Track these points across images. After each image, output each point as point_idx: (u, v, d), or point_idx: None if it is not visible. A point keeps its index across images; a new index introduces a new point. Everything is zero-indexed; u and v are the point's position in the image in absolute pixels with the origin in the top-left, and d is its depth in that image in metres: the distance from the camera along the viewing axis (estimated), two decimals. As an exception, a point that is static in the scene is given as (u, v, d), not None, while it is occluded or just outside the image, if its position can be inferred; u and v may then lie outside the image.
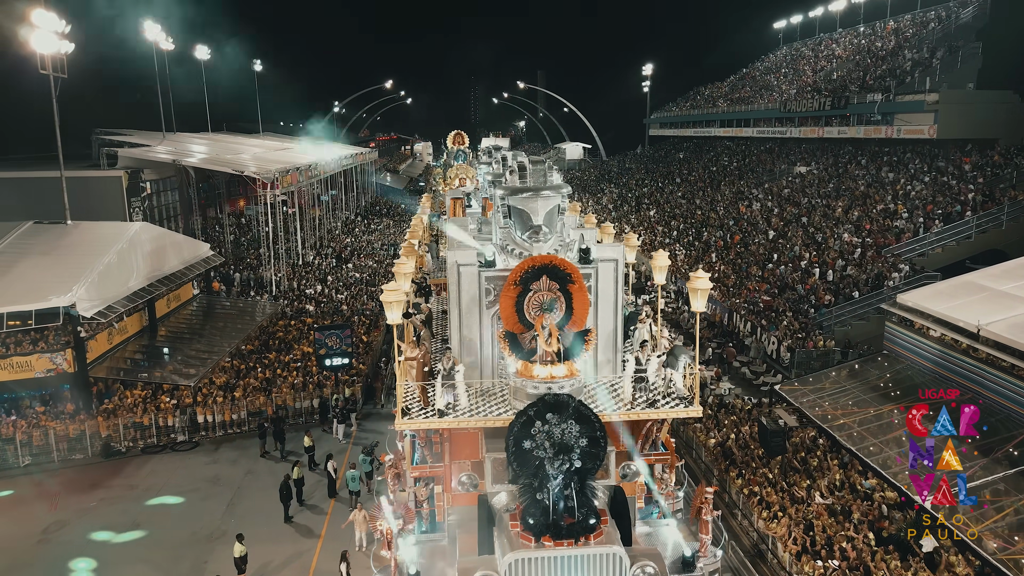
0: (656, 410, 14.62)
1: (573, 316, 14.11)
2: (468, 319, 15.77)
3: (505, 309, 14.16)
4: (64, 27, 29.50)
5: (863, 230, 37.68)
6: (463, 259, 15.63)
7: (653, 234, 53.99)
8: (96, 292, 26.03)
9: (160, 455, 25.48)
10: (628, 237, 20.72)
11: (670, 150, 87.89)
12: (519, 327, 14.16)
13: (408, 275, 17.50)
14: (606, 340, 15.87)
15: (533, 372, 14.00)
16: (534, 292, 13.89)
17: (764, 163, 61.47)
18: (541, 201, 15.08)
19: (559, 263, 13.97)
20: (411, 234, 23.03)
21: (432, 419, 14.45)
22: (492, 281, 15.22)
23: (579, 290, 14.07)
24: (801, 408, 22.39)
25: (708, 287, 14.62)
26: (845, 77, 56.36)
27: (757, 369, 30.87)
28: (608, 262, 15.52)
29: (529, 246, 15.40)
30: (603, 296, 15.61)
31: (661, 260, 17.49)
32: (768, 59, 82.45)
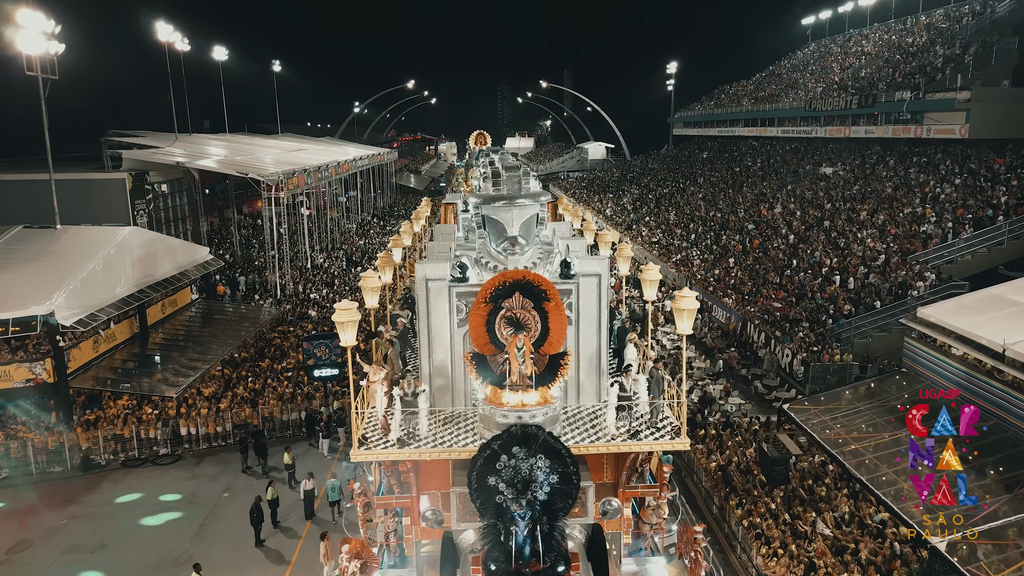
0: (639, 442, 13.28)
1: (549, 337, 12.72)
2: (438, 338, 14.51)
3: (475, 328, 12.84)
4: (53, 27, 28.84)
5: (888, 235, 35.75)
6: (432, 273, 14.35)
7: (671, 237, 52.33)
8: (78, 299, 25.26)
9: (140, 469, 24.60)
10: (621, 248, 19.35)
11: (694, 150, 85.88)
12: (490, 348, 12.82)
13: (375, 290, 16.33)
14: (588, 362, 14.64)
15: (502, 399, 12.70)
16: (506, 310, 12.61)
17: (788, 164, 59.40)
18: (516, 210, 13.77)
19: (533, 279, 12.64)
20: (394, 242, 21.85)
21: (391, 450, 13.28)
22: (464, 297, 13.96)
23: (555, 308, 12.70)
24: (809, 430, 20.78)
25: (695, 307, 13.27)
26: (873, 74, 54.17)
27: (770, 383, 29.21)
28: (591, 277, 14.28)
29: (504, 259, 14.09)
30: (585, 314, 14.43)
31: (652, 274, 16.13)
32: (795, 56, 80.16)
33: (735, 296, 36.12)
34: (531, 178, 14.30)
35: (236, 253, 52.55)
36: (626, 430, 13.40)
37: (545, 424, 12.75)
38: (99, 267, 26.76)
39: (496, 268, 14.03)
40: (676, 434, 13.45)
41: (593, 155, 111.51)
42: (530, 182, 14.14)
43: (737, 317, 34.36)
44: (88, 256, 27.02)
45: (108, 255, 27.47)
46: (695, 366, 31.30)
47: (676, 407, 13.97)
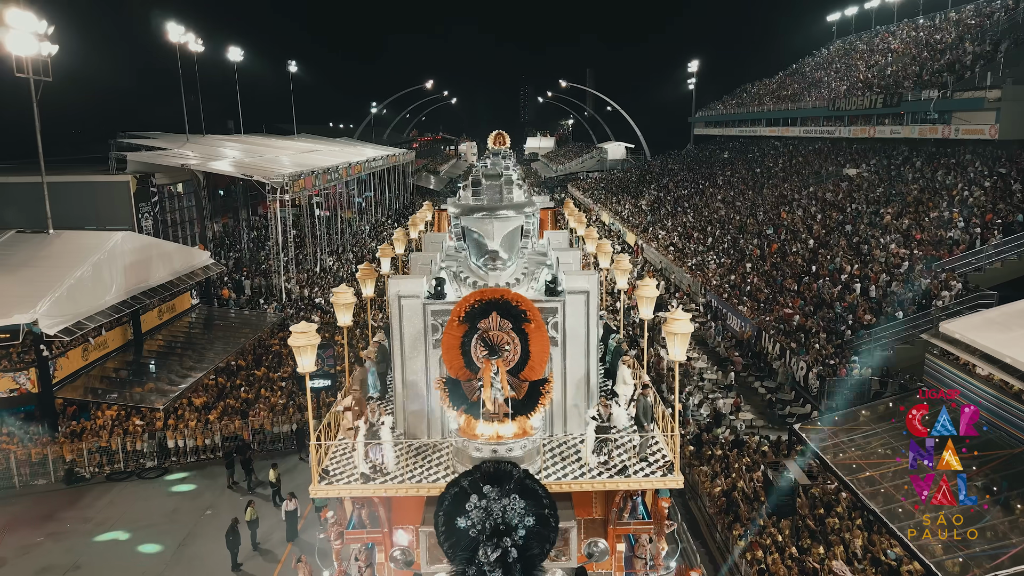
0: (626, 479, 12.06)
1: (529, 362, 11.55)
2: (412, 360, 13.37)
3: (448, 351, 11.71)
4: (46, 28, 28.21)
5: (912, 240, 34.10)
6: (405, 289, 13.18)
7: (687, 240, 50.89)
8: (64, 307, 24.57)
9: (125, 483, 23.85)
10: (618, 260, 18.12)
11: (715, 150, 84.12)
12: (465, 373, 11.66)
13: (348, 307, 15.29)
14: (575, 388, 13.42)
15: (476, 430, 11.56)
16: (482, 332, 11.48)
17: (811, 165, 57.62)
18: (497, 223, 12.65)
19: (511, 297, 11.51)
20: (383, 251, 20.81)
21: (353, 485, 12.23)
22: (440, 315, 12.82)
23: (536, 330, 11.55)
24: (821, 454, 19.43)
25: (688, 330, 11.97)
26: (899, 72, 52.27)
27: (784, 397, 27.80)
28: (578, 294, 13.08)
29: (484, 274, 12.96)
30: (572, 335, 13.23)
31: (648, 291, 14.82)
32: (819, 54, 78.14)
33: (750, 304, 34.69)
34: (515, 187, 13.10)
35: (245, 255, 52.02)
36: (612, 464, 12.26)
37: (524, 458, 11.64)
38: (88, 273, 26.07)
39: (476, 284, 12.98)
40: (669, 470, 12.25)
41: (613, 155, 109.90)
42: (513, 192, 12.96)
43: (752, 326, 32.93)
44: (77, 262, 26.34)
45: (98, 261, 26.77)
46: (706, 378, 29.95)
47: (670, 439, 12.77)
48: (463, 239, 13.03)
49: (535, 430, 11.84)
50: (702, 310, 39.40)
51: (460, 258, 13.58)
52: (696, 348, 33.95)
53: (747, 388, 29.40)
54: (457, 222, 12.95)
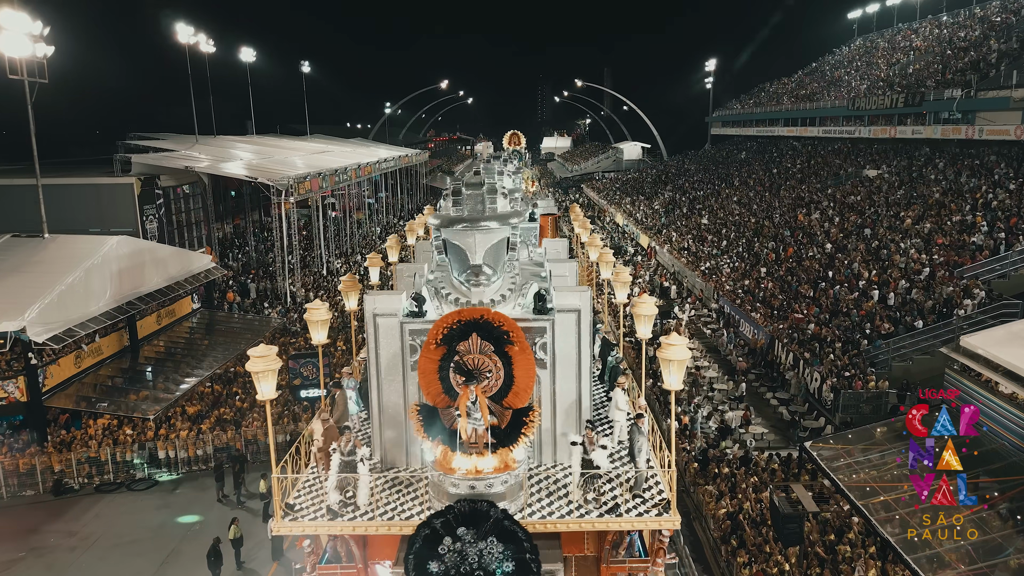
0: (617, 519, 11.09)
1: (513, 387, 10.74)
2: (389, 383, 12.48)
3: (425, 375, 10.92)
4: (41, 29, 27.72)
5: (934, 245, 32.81)
6: (381, 306, 12.31)
7: (701, 243, 49.71)
8: (54, 314, 24.01)
9: (113, 494, 23.25)
10: (617, 272, 17.17)
11: (732, 150, 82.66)
12: (444, 400, 10.87)
13: (323, 324, 14.47)
14: (566, 414, 12.46)
15: (452, 463, 10.69)
16: (463, 355, 10.66)
17: (830, 166, 56.19)
18: (480, 236, 11.70)
19: (493, 317, 10.68)
20: (371, 260, 20.03)
21: (320, 522, 11.38)
22: (420, 335, 11.95)
23: (521, 353, 10.73)
24: (833, 475, 18.35)
25: (685, 357, 10.98)
26: (922, 71, 50.78)
27: (797, 409, 26.69)
28: (568, 313, 12.16)
29: (467, 291, 12.04)
30: (562, 357, 12.28)
31: (646, 308, 13.70)
32: (840, 52, 76.50)
33: (763, 310, 33.55)
34: (500, 197, 12.16)
35: (252, 258, 51.59)
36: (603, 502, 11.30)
37: (506, 495, 10.72)
38: (80, 279, 25.51)
39: (458, 301, 12.09)
40: (665, 509, 11.27)
41: (628, 155, 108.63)
42: (497, 201, 12.02)
43: (764, 334, 31.80)
44: (70, 268, 25.80)
45: (91, 266, 26.22)
46: (716, 388, 28.89)
47: (666, 473, 11.79)
48: (444, 252, 12.15)
49: (518, 463, 10.93)
50: (714, 316, 38.30)
51: (443, 272, 12.72)
52: (707, 356, 32.89)
53: (759, 399, 28.32)
54: (438, 234, 12.06)
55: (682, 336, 33.47)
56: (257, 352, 10.66)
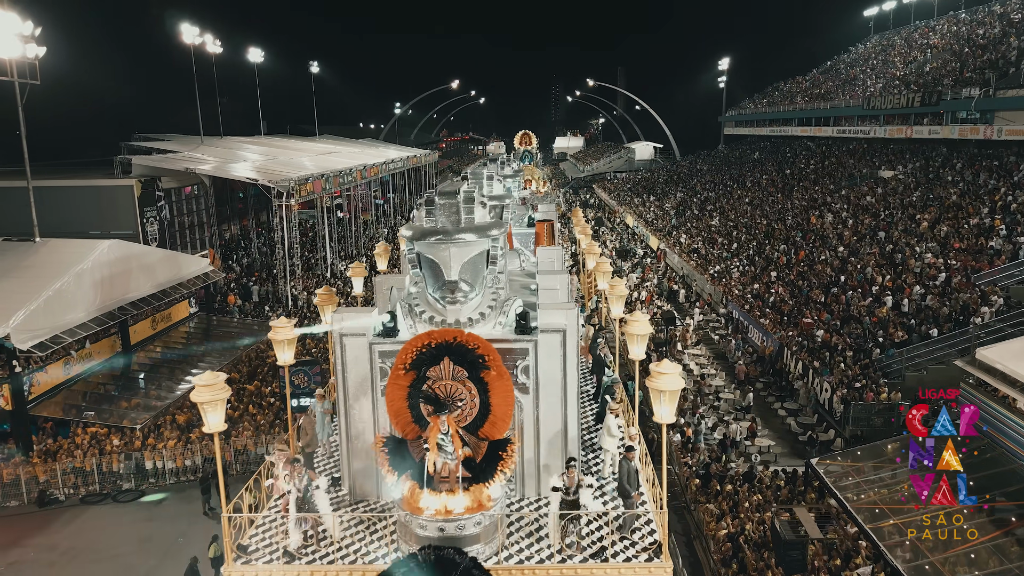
0: (602, 565, 10.18)
1: (490, 417, 9.83)
2: (357, 409, 11.63)
3: (393, 404, 10.00)
4: (32, 29, 27.21)
5: (950, 249, 31.70)
6: (349, 325, 11.51)
7: (711, 245, 48.68)
8: (40, 320, 23.44)
9: (99, 506, 22.67)
10: (613, 284, 16.27)
11: (745, 150, 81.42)
12: (414, 429, 9.96)
13: (290, 343, 13.71)
14: (550, 445, 11.52)
15: (420, 503, 9.77)
16: (433, 381, 9.76)
17: (845, 166, 54.97)
18: (455, 249, 10.83)
19: (467, 340, 9.76)
20: (354, 270, 19.26)
21: (276, 566, 10.47)
22: (390, 357, 11.03)
23: (498, 379, 9.79)
24: (840, 495, 17.43)
25: (678, 387, 9.94)
26: (939, 69, 49.50)
27: (806, 421, 25.72)
28: (553, 333, 11.22)
29: (442, 308, 11.20)
30: (546, 381, 11.32)
31: (639, 327, 12.68)
32: (855, 51, 75.10)
33: (773, 316, 32.55)
34: (478, 206, 11.31)
35: (255, 260, 51.11)
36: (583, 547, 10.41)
37: (480, 536, 9.79)
38: (69, 284, 24.96)
39: (432, 320, 11.24)
40: (656, 553, 10.36)
41: (640, 155, 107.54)
42: (475, 211, 11.17)
43: (773, 341, 30.81)
44: (59, 273, 25.26)
45: (80, 271, 25.67)
46: (723, 397, 27.96)
47: (658, 512, 10.84)
48: (419, 266, 11.33)
49: (494, 501, 9.97)
50: (723, 321, 37.32)
51: (414, 289, 11.90)
52: (714, 363, 31.94)
53: (766, 409, 27.37)
54: (411, 247, 11.25)
55: (688, 344, 32.72)
56: (203, 380, 9.86)
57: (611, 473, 12.20)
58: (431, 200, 11.59)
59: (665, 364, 9.95)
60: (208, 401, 9.81)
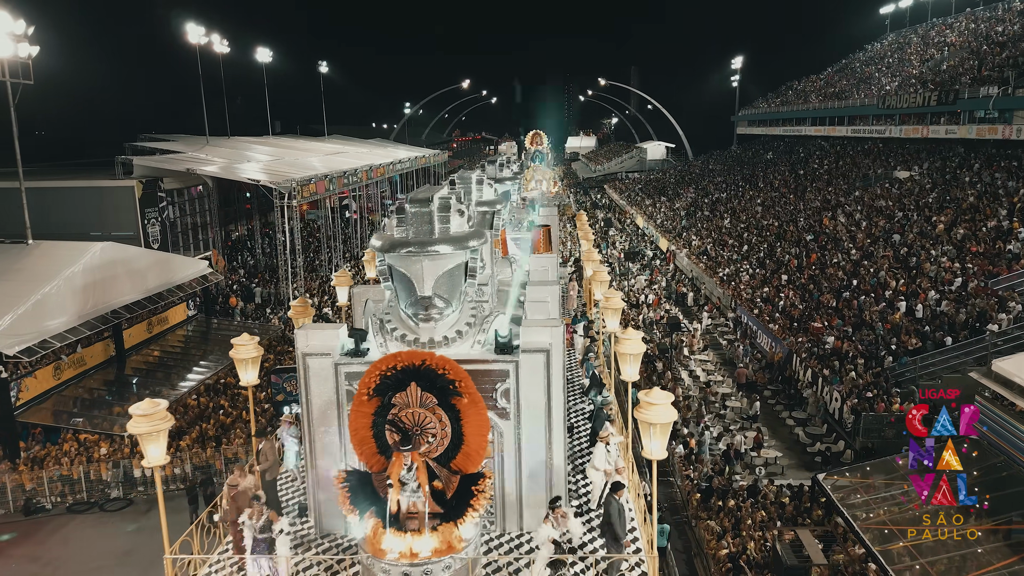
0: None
1: (463, 448, 8.93)
2: (324, 435, 10.71)
3: (357, 432, 9.09)
4: (25, 28, 26.81)
5: (967, 253, 30.68)
6: (313, 344, 10.56)
7: (722, 247, 47.74)
8: (28, 325, 23.01)
9: (86, 515, 22.15)
10: (609, 296, 15.46)
11: (758, 150, 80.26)
12: (379, 461, 9.06)
13: (253, 362, 12.97)
14: (531, 477, 10.59)
15: (382, 544, 8.84)
16: (400, 409, 8.86)
17: (859, 167, 53.84)
18: (428, 262, 9.89)
19: (437, 363, 8.81)
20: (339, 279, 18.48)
21: None
22: (357, 379, 9.93)
23: (471, 406, 8.89)
24: (847, 514, 16.60)
25: (670, 419, 9.06)
26: (956, 67, 48.31)
27: (815, 431, 24.85)
28: (536, 353, 10.24)
29: (415, 326, 10.28)
30: (528, 406, 10.37)
31: (631, 346, 11.77)
32: (871, 49, 73.81)
33: (782, 321, 31.64)
34: (455, 214, 10.40)
35: (259, 261, 50.71)
36: None
37: None
38: (59, 288, 24.52)
39: (404, 338, 10.32)
40: None
41: (652, 155, 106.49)
42: (452, 220, 10.28)
43: (782, 348, 29.92)
44: (49, 276, 24.82)
45: (71, 274, 25.23)
46: (729, 405, 27.11)
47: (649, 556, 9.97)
48: (391, 279, 10.41)
49: (466, 542, 9.01)
50: (731, 326, 36.43)
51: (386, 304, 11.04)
52: (721, 370, 31.08)
53: (774, 418, 26.50)
54: (382, 259, 10.34)
55: (695, 349, 31.82)
56: (140, 409, 8.96)
57: (598, 506, 11.34)
58: (401, 208, 10.63)
59: (656, 394, 9.07)
60: (146, 433, 9.04)
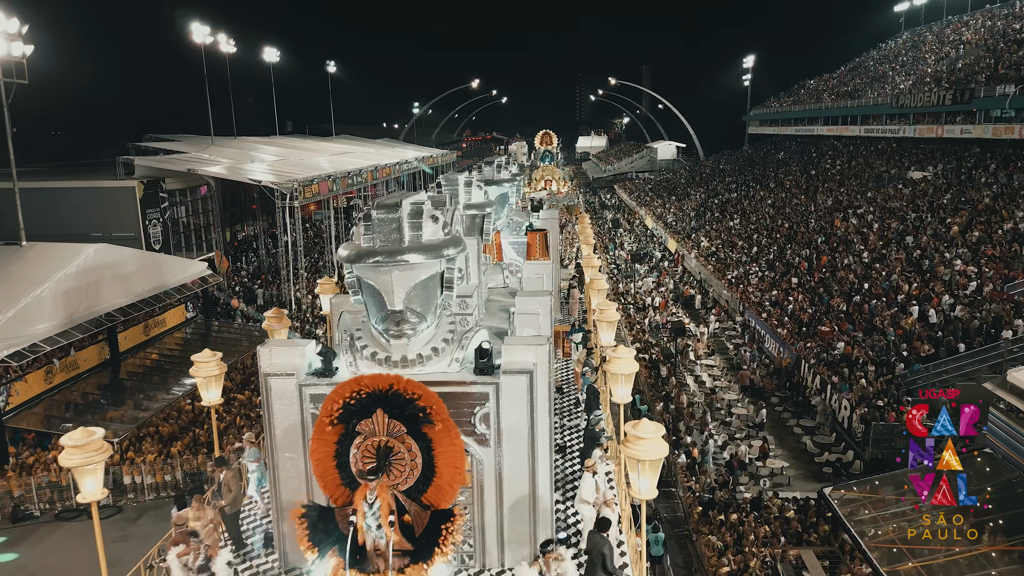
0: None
1: (435, 480, 8.13)
2: (288, 462, 9.88)
3: (319, 463, 8.29)
4: (19, 28, 26.44)
5: (982, 256, 29.81)
6: (276, 363, 9.69)
7: (731, 249, 46.93)
8: (18, 328, 22.58)
9: (74, 522, 21.71)
10: (603, 307, 14.72)
11: (770, 150, 79.25)
12: (342, 493, 8.27)
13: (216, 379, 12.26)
14: (513, 511, 9.70)
15: None
16: (366, 438, 8.04)
17: (872, 167, 52.87)
18: (398, 273, 9.02)
19: (404, 388, 7.97)
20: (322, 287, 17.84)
21: None
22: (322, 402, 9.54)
23: (444, 434, 8.07)
24: (853, 530, 15.89)
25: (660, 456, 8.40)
26: (972, 65, 47.28)
27: (823, 440, 24.09)
28: (518, 375, 9.34)
29: (386, 342, 9.43)
30: (510, 433, 9.47)
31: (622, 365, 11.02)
32: (885, 47, 72.67)
33: (791, 326, 30.86)
34: (430, 221, 9.51)
35: (263, 262, 50.35)
36: None
37: None
38: (50, 290, 24.09)
39: (375, 356, 9.50)
40: None
41: (663, 155, 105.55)
42: (425, 227, 9.40)
43: (790, 353, 29.15)
44: (41, 278, 24.39)
45: (63, 277, 24.81)
46: (735, 412, 26.39)
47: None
48: (359, 292, 9.59)
49: None
50: (739, 330, 35.65)
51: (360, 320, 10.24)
52: (728, 375, 30.33)
53: (781, 426, 25.76)
54: (351, 270, 9.53)
55: (701, 354, 31.06)
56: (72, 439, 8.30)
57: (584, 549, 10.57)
58: (368, 216, 9.51)
59: (644, 425, 8.30)
60: (80, 466, 8.35)
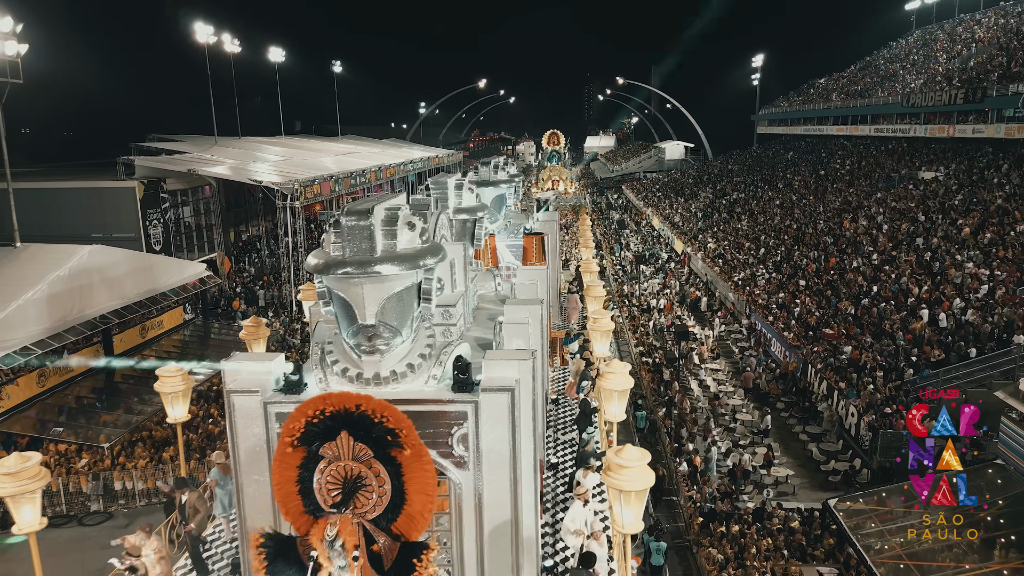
0: None
1: (405, 508, 7.44)
2: (252, 484, 9.16)
3: (280, 487, 7.58)
4: (14, 27, 26.17)
5: (995, 259, 29.12)
6: (240, 379, 8.98)
7: (738, 250, 46.28)
8: (9, 331, 22.25)
9: (63, 528, 21.39)
10: (597, 316, 14.16)
11: (779, 150, 78.46)
12: (305, 521, 7.56)
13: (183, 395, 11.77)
14: (494, 538, 8.92)
15: None
16: (330, 462, 7.37)
17: (882, 167, 52.10)
18: (370, 285, 8.33)
19: (374, 409, 7.25)
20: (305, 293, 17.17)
21: None
22: None
23: (414, 459, 7.37)
24: (858, 543, 15.31)
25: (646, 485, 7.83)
26: (984, 64, 46.49)
27: (830, 447, 23.48)
28: (499, 393, 8.57)
29: (357, 358, 8.71)
30: (490, 456, 8.69)
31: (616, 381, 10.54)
32: (896, 46, 71.80)
33: (797, 329, 30.23)
34: (406, 228, 8.73)
35: (266, 263, 50.05)
36: None
37: None
38: (42, 293, 23.74)
39: (346, 372, 8.79)
40: None
41: (670, 155, 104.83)
42: (400, 235, 8.64)
43: (797, 357, 28.53)
44: (33, 280, 24.05)
45: (57, 278, 24.47)
46: (739, 418, 25.81)
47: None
48: (330, 303, 8.89)
49: None
50: (745, 333, 35.04)
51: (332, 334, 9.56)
52: (733, 380, 29.73)
53: (787, 433, 25.17)
54: (320, 280, 8.81)
55: (706, 358, 30.46)
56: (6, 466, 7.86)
57: None
58: (337, 222, 8.74)
59: (629, 452, 7.72)
60: (13, 495, 7.85)
